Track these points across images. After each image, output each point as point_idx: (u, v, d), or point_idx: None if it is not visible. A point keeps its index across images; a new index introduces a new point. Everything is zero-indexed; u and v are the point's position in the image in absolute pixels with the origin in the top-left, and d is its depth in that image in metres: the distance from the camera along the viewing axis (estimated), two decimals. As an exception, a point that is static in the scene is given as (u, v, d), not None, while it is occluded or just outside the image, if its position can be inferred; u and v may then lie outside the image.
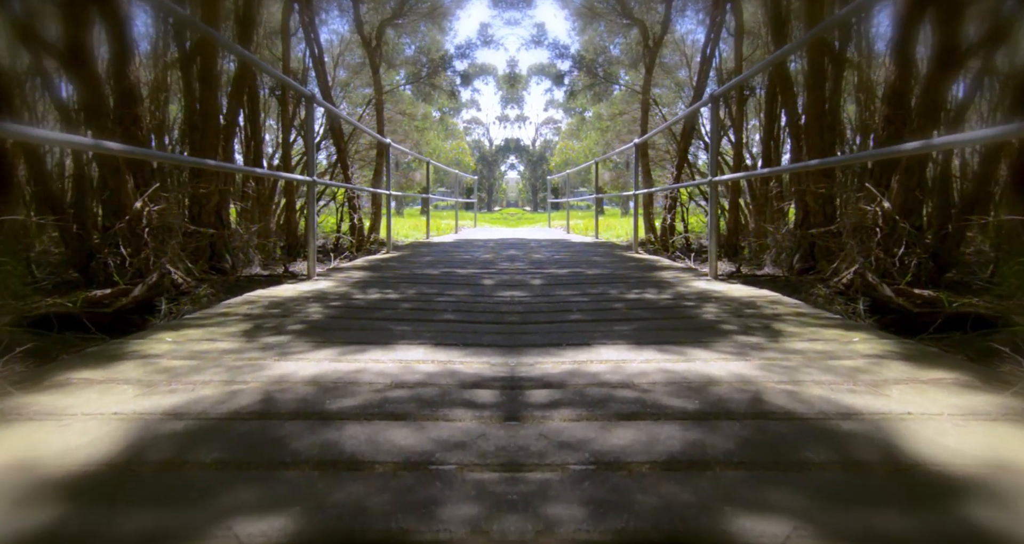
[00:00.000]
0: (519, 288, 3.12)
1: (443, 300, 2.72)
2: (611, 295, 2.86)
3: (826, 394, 1.34)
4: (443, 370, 1.57)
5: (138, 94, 3.89)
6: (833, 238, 3.49)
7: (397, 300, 2.70)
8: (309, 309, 2.43)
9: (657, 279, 3.48)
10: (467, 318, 2.30)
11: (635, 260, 4.78)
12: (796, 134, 4.00)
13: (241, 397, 1.33)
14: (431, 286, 3.17)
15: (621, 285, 3.22)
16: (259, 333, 1.98)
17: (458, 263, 4.50)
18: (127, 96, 3.79)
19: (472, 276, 3.65)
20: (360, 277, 3.55)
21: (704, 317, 2.29)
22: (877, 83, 3.42)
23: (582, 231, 10.77)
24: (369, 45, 8.55)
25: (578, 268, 4.12)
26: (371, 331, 2.05)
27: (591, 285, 3.23)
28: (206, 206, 4.05)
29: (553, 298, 2.79)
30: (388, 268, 4.10)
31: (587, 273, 3.83)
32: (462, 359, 1.69)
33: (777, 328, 2.05)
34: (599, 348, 1.82)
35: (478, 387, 1.43)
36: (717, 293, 2.88)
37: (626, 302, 2.67)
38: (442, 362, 1.65)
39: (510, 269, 4.07)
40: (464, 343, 1.89)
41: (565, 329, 2.13)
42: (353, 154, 9.17)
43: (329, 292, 2.90)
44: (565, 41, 8.28)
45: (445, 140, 31.29)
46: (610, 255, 5.30)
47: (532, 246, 6.42)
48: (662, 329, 2.10)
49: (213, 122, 4.37)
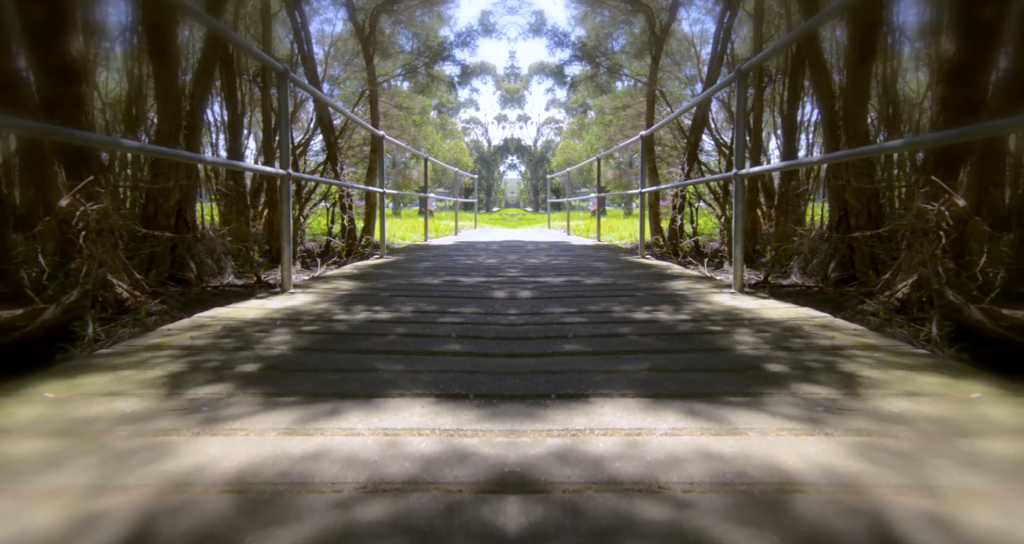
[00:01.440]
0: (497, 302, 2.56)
1: (446, 321, 2.16)
2: (615, 314, 2.30)
3: (1000, 524, 0.78)
4: (448, 451, 1.02)
5: (81, 71, 3.34)
6: (881, 243, 2.92)
7: (388, 321, 2.14)
8: (273, 337, 1.87)
9: (670, 292, 2.92)
10: (477, 349, 1.74)
11: (641, 266, 4.22)
12: (830, 121, 3.44)
13: (94, 535, 0.77)
14: (431, 300, 2.61)
15: (627, 300, 2.66)
16: (189, 380, 1.42)
17: (460, 270, 3.95)
18: (66, 73, 3.25)
19: (478, 287, 3.10)
20: (347, 289, 2.99)
21: (740, 350, 1.73)
22: (938, 58, 2.85)
23: (583, 233, 10.21)
24: (362, 33, 8.00)
25: (576, 276, 3.56)
26: (349, 373, 1.50)
27: (591, 299, 2.67)
28: (163, 205, 3.49)
29: (544, 318, 2.23)
30: (381, 276, 3.54)
31: (586, 283, 3.27)
32: (474, 427, 1.14)
33: (848, 371, 1.49)
34: (602, 404, 1.26)
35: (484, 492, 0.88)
36: (748, 312, 2.32)
37: (635, 325, 2.11)
38: (447, 433, 1.10)
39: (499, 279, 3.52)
40: (476, 392, 1.34)
41: (555, 367, 1.57)
42: (346, 150, 8.63)
43: (304, 311, 2.34)
44: (565, 29, 7.75)
45: (444, 140, 30.79)
46: (613, 260, 4.74)
47: (528, 249, 5.86)
48: (687, 370, 1.54)
49: (171, 106, 3.79)
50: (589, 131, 14.51)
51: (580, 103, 33.87)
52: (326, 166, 7.14)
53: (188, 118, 3.63)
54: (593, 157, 7.91)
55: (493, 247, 6.20)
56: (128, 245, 3.15)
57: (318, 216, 7.79)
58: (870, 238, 2.94)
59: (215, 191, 5.84)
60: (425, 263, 4.43)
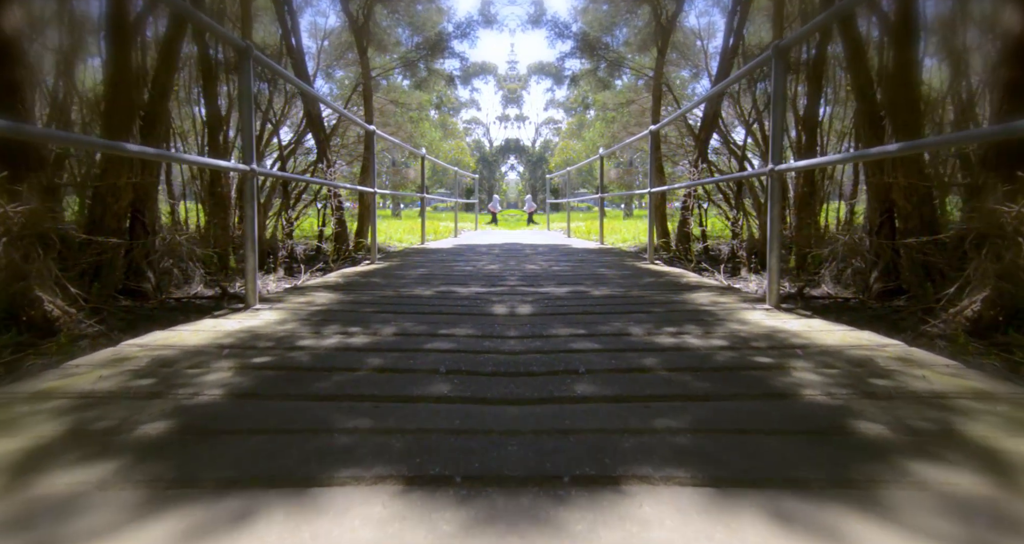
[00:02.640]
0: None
1: (435, 349, 1.76)
2: (634, 338, 1.90)
3: None
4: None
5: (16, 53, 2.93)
6: (939, 251, 2.52)
7: (363, 350, 1.74)
8: (209, 376, 1.46)
9: (693, 307, 2.52)
10: (470, 391, 1.34)
11: (652, 273, 3.82)
12: (869, 112, 3.03)
13: None
14: (419, 319, 2.20)
15: (644, 318, 2.25)
16: (52, 460, 1.01)
17: (457, 278, 3.54)
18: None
19: (476, 300, 2.69)
20: (324, 302, 2.58)
21: (807, 395, 1.32)
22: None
23: (584, 235, 9.81)
24: (356, 23, 7.59)
25: (581, 286, 3.16)
26: (292, 434, 1.11)
27: (602, 317, 2.26)
28: (113, 205, 3.08)
29: (549, 344, 1.83)
30: (367, 286, 3.13)
31: (594, 295, 2.86)
32: None
33: (980, 439, 1.08)
34: (640, 499, 0.86)
35: None
36: (795, 336, 1.91)
37: (660, 353, 1.70)
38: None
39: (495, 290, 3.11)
40: (465, 473, 0.93)
41: (567, 420, 1.16)
42: (339, 148, 8.21)
43: (264, 334, 1.93)
44: (566, 20, 7.37)
45: (445, 140, 30.39)
46: (619, 266, 4.33)
47: (527, 254, 5.45)
48: (746, 429, 1.14)
49: (124, 95, 3.37)
50: (591, 128, 14.11)
51: (579, 102, 33.49)
52: (317, 165, 6.72)
53: (149, 107, 3.21)
54: (595, 155, 7.51)
55: (495, 251, 5.79)
56: (68, 253, 2.74)
57: (311, 218, 7.37)
58: (926, 244, 2.54)
59: (197, 192, 5.44)
60: (419, 270, 4.02)
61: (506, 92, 37.22)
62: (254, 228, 2.44)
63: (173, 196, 4.80)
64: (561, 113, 37.92)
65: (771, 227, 2.39)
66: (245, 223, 2.36)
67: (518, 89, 37.53)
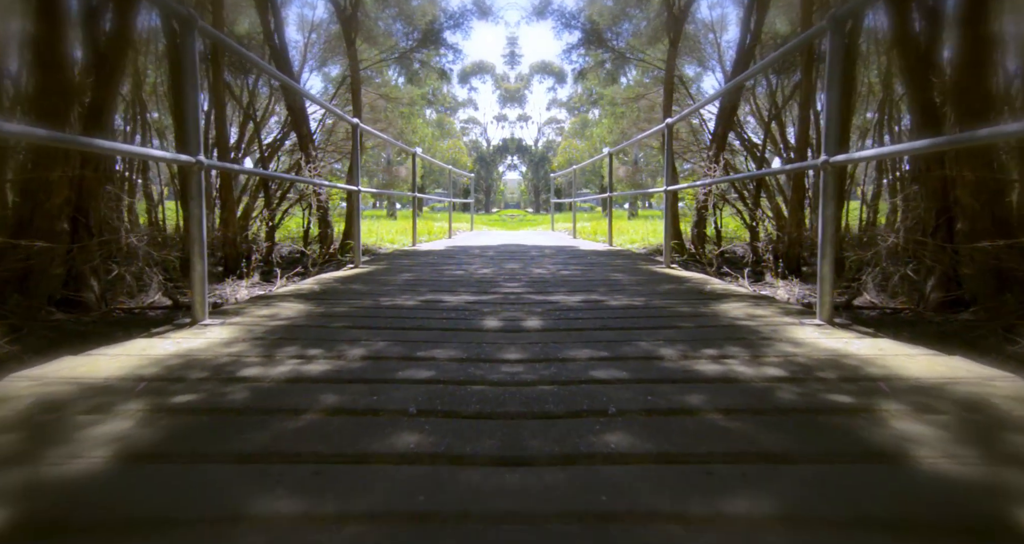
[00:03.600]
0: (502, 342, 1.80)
1: (408, 378, 1.40)
2: (669, 365, 1.54)
3: None
4: None
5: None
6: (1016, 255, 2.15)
7: (318, 381, 1.39)
8: (102, 427, 1.10)
9: (728, 321, 2.16)
10: (452, 446, 0.98)
11: (671, 279, 3.46)
12: (921, 99, 2.67)
13: None
14: (395, 338, 1.85)
15: (675, 335, 1.90)
16: None
17: (447, 284, 3.19)
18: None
19: (465, 311, 2.33)
20: (289, 316, 2.22)
21: (925, 461, 0.96)
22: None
23: (590, 235, 9.45)
24: (343, 12, 7.24)
25: (595, 293, 2.80)
26: (189, 529, 0.76)
27: (625, 333, 1.90)
28: (45, 204, 2.71)
29: (564, 371, 1.47)
30: (344, 295, 2.78)
31: (611, 305, 2.50)
32: None
33: None
34: None
35: None
36: (870, 365, 1.55)
37: (706, 389, 1.34)
38: None
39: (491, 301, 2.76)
40: None
41: (600, 505, 0.81)
42: (327, 145, 7.86)
43: (201, 360, 1.56)
44: (573, 10, 7.01)
45: (442, 139, 30.04)
46: (634, 270, 3.97)
47: (533, 256, 5.10)
48: (867, 523, 0.77)
49: (55, 74, 2.93)
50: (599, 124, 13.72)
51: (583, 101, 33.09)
52: (303, 162, 6.36)
53: (95, 93, 2.85)
54: (602, 153, 7.15)
55: (488, 253, 5.43)
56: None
57: (299, 218, 7.01)
58: (1001, 249, 2.17)
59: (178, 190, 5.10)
60: (405, 275, 3.67)
61: (503, 91, 36.83)
62: (202, 230, 2.06)
63: (150, 194, 4.45)
64: (564, 113, 37.54)
65: (824, 229, 2.03)
66: (191, 224, 1.99)
67: (521, 88, 37.16)
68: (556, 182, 17.97)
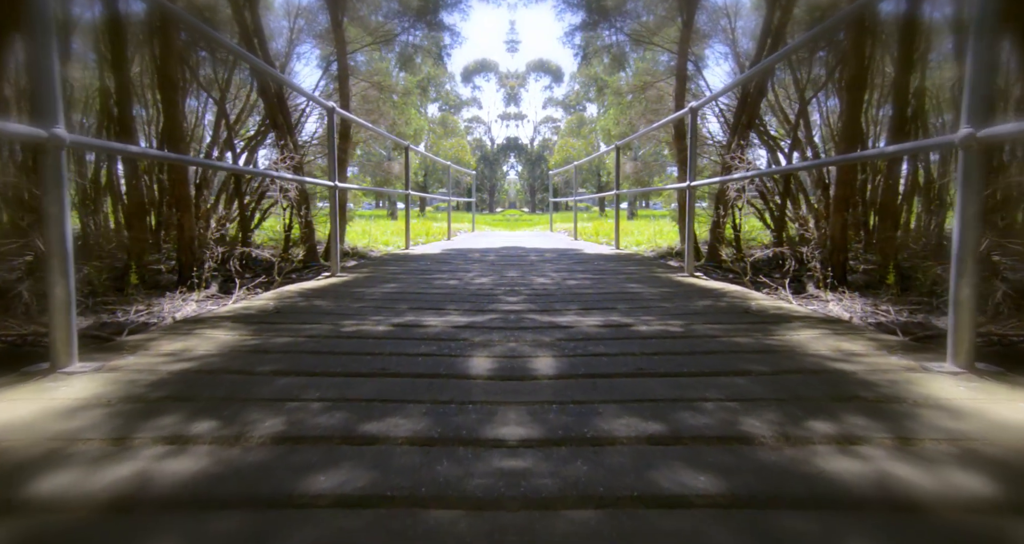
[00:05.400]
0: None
1: (327, 494, 0.78)
2: (768, 452, 0.92)
3: None
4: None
5: None
6: None
7: (174, 503, 0.77)
8: None
9: (814, 363, 1.54)
10: None
11: (702, 292, 2.85)
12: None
13: None
14: (339, 393, 1.24)
15: (752, 390, 1.28)
16: None
17: (434, 299, 2.58)
18: None
19: (450, 342, 1.71)
20: (203, 354, 1.59)
21: None
22: None
23: (592, 237, 8.84)
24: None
25: (614, 313, 2.18)
26: None
27: (676, 385, 1.29)
28: None
29: (600, 468, 0.85)
30: (300, 316, 2.16)
31: (640, 332, 1.89)
32: None
33: None
34: None
35: None
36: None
37: (861, 516, 0.72)
38: None
39: (486, 322, 2.14)
40: None
41: None
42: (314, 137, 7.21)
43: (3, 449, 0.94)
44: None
45: (446, 138, 29.33)
46: (653, 279, 3.36)
47: (532, 261, 4.48)
48: None
49: None
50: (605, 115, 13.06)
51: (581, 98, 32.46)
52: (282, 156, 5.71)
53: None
54: (602, 148, 6.54)
55: (489, 257, 4.82)
56: None
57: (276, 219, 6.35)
58: None
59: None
60: (387, 286, 3.05)
61: (508, 89, 36.24)
62: (64, 236, 1.39)
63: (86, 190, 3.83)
64: (560, 111, 36.90)
65: (961, 233, 1.41)
66: (48, 227, 1.36)
67: (516, 87, 36.59)
68: (554, 181, 17.35)
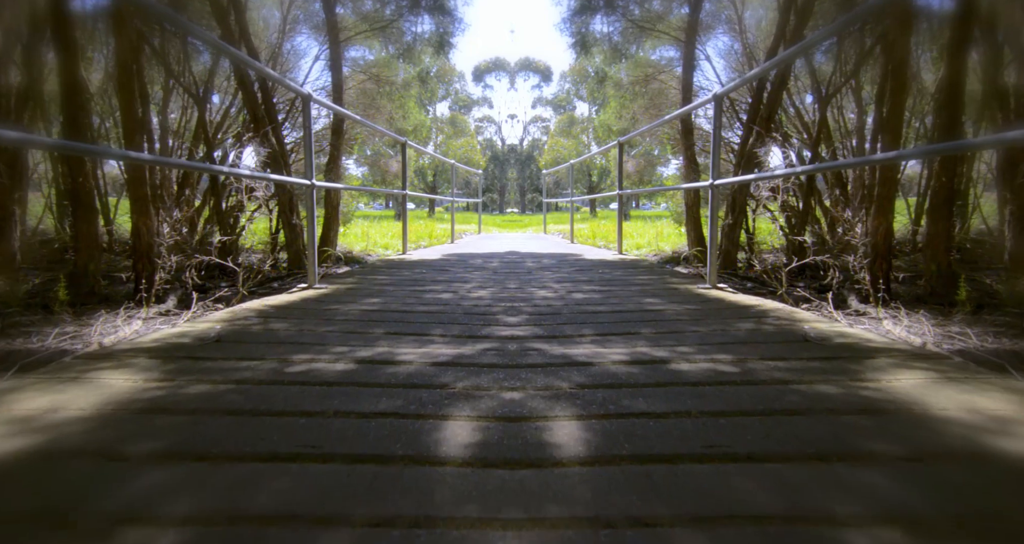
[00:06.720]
0: None
1: None
2: None
3: None
4: None
5: None
6: None
7: None
8: None
9: (958, 437, 1.08)
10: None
11: (738, 310, 2.37)
12: None
13: None
14: (213, 512, 0.74)
15: (891, 496, 0.81)
16: None
17: (419, 320, 2.09)
18: None
19: (424, 390, 1.22)
20: (82, 412, 1.12)
21: None
22: None
23: (589, 240, 8.36)
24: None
25: (639, 340, 1.70)
26: None
27: (775, 493, 0.81)
28: None
29: None
30: (245, 346, 1.68)
31: (683, 372, 1.41)
32: None
33: None
34: None
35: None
36: None
37: None
38: None
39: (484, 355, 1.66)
40: None
41: None
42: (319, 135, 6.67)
43: None
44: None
45: (455, 137, 28.62)
46: (672, 292, 2.89)
47: (529, 268, 4.00)
48: None
49: None
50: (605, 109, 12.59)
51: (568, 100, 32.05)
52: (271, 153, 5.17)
53: None
54: (613, 142, 6.07)
55: (492, 263, 4.33)
56: None
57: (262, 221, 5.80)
58: None
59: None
60: (368, 301, 2.57)
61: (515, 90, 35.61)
62: None
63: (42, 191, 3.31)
64: (550, 111, 36.43)
65: None
66: None
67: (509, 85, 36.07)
68: (547, 181, 16.88)
